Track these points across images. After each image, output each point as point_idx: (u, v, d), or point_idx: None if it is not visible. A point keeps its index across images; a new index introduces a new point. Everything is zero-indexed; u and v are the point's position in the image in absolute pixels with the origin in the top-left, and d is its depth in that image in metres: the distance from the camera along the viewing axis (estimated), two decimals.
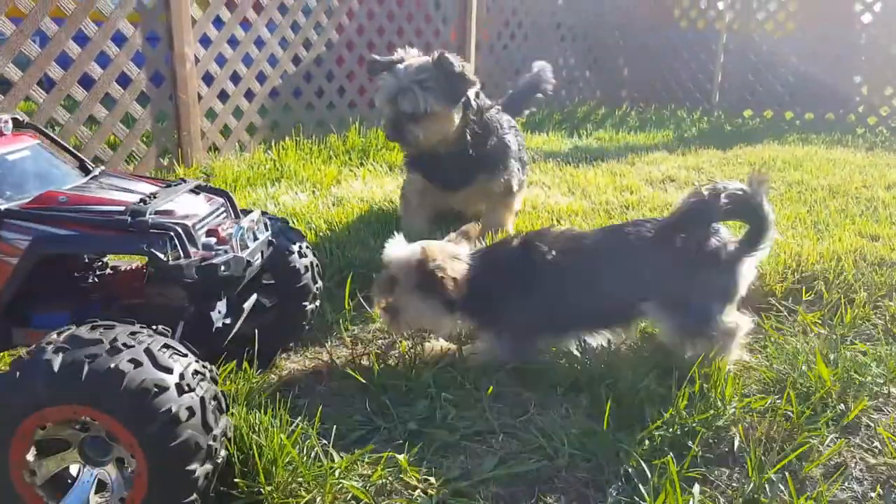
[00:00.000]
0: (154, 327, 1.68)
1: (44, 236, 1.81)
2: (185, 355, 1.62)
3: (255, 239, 2.09)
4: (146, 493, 1.51)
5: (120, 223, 1.82)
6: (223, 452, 1.63)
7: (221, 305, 2.10)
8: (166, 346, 1.60)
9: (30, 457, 1.54)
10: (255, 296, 2.36)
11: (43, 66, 4.08)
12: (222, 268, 1.85)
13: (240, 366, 2.23)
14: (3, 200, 1.85)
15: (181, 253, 1.83)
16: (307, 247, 2.51)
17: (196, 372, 1.59)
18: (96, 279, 2.16)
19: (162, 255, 1.79)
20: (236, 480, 1.70)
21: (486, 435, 2.11)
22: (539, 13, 8.10)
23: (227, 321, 2.12)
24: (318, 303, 2.60)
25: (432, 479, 1.88)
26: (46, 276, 1.99)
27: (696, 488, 1.84)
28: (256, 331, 2.34)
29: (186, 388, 1.53)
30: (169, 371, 1.53)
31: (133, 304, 2.00)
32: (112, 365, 1.48)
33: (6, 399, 1.51)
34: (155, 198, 1.94)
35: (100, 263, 2.22)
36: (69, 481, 1.61)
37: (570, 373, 2.37)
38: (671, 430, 2.06)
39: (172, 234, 1.83)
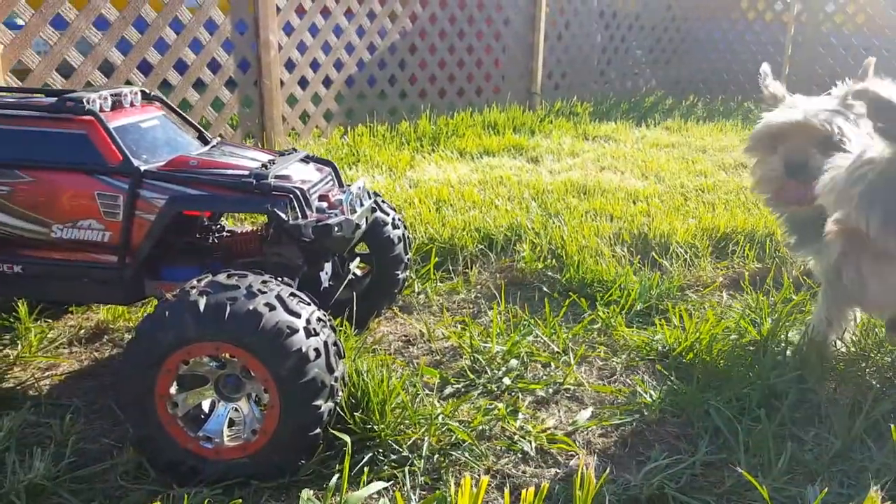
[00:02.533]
0: (279, 279, 1.83)
1: (178, 195, 1.98)
2: (309, 304, 1.76)
3: (362, 205, 2.23)
4: (277, 425, 1.66)
5: (245, 185, 1.99)
6: (341, 393, 1.78)
7: (328, 267, 2.26)
8: (293, 294, 1.75)
9: (173, 390, 1.70)
10: (357, 260, 2.51)
11: (142, 51, 4.32)
12: (336, 228, 1.99)
13: (340, 326, 2.38)
14: (142, 162, 2.02)
15: (299, 214, 1.99)
16: (400, 219, 2.65)
17: (319, 319, 1.74)
18: (216, 240, 2.34)
19: (283, 215, 1.95)
20: (355, 415, 1.83)
21: (578, 391, 2.21)
22: (608, 3, 8.11)
23: (332, 283, 2.28)
24: (408, 272, 2.73)
25: (529, 428, 1.99)
26: (175, 234, 2.18)
27: (789, 445, 1.91)
28: (354, 295, 2.49)
29: (313, 332, 1.68)
30: (298, 315, 1.68)
31: (251, 262, 2.15)
32: (251, 307, 1.63)
33: (155, 335, 1.67)
34: (273, 164, 2.10)
35: (219, 226, 2.39)
36: (203, 416, 1.77)
37: (658, 340, 2.45)
38: (757, 391, 2.13)
39: (292, 196, 1.99)
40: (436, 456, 1.85)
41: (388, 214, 2.59)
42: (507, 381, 2.22)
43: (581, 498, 1.40)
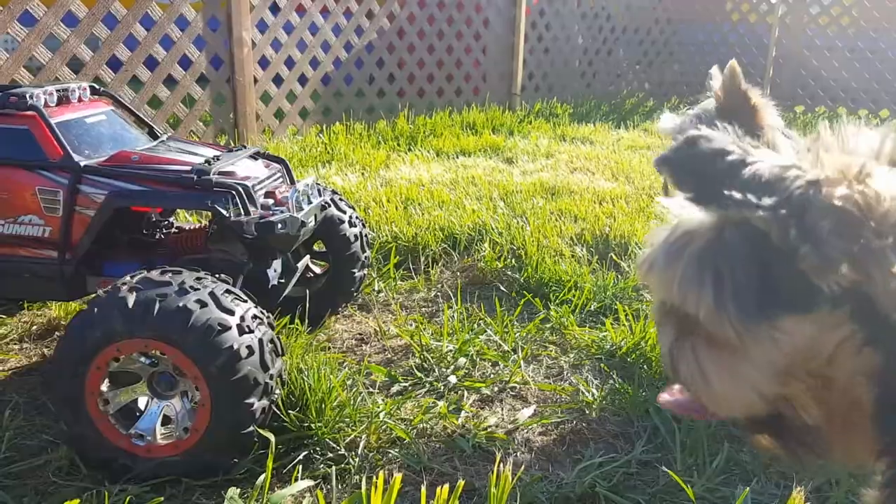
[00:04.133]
0: (217, 275, 1.83)
1: (118, 191, 1.98)
2: (245, 301, 1.76)
3: (310, 202, 2.22)
4: (209, 423, 1.66)
5: (186, 181, 1.98)
6: (278, 391, 1.78)
7: (277, 264, 2.25)
8: (228, 291, 1.75)
9: (104, 387, 1.69)
10: (307, 259, 2.52)
11: (112, 48, 4.31)
12: (279, 225, 1.98)
13: (291, 323, 2.38)
14: (83, 158, 2.02)
15: (241, 210, 1.98)
16: (357, 217, 2.64)
17: (255, 316, 1.74)
18: (161, 236, 2.33)
19: (224, 211, 1.95)
20: (290, 413, 1.83)
21: (522, 389, 2.21)
22: (590, 5, 8.13)
23: (282, 280, 2.27)
24: (366, 270, 2.73)
25: (470, 426, 1.99)
26: (120, 230, 2.18)
27: (726, 445, 1.92)
28: (307, 293, 2.48)
29: (246, 329, 1.67)
30: (231, 313, 1.68)
31: (195, 259, 2.14)
32: (180, 304, 1.63)
33: (85, 332, 1.66)
34: (218, 160, 2.09)
35: (167, 222, 2.39)
36: (137, 413, 1.77)
37: (607, 339, 2.46)
38: None
39: (234, 192, 1.98)
40: (371, 454, 1.86)
41: (344, 212, 2.58)
42: (453, 379, 2.23)
43: (496, 496, 1.41)
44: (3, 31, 3.86)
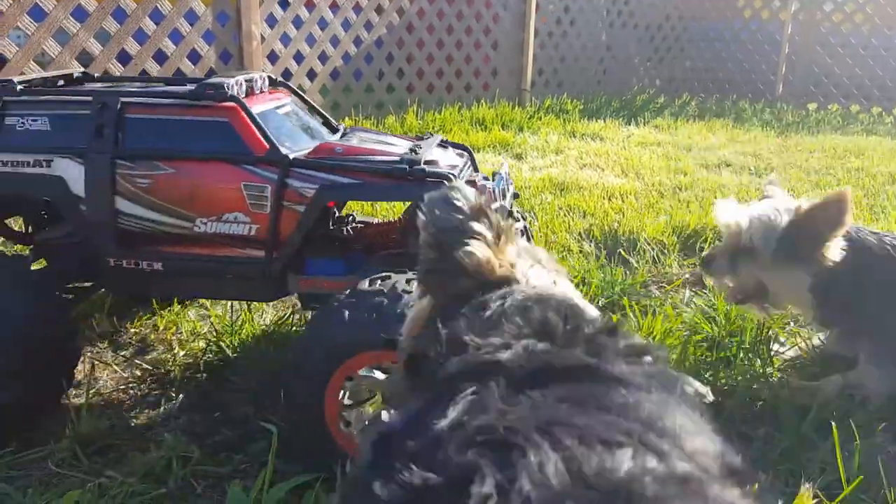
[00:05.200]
0: None
1: (329, 184, 1.84)
2: None
3: (508, 190, 2.13)
4: None
5: (399, 171, 1.85)
6: None
7: None
8: None
9: (344, 406, 1.62)
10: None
11: (121, 42, 4.32)
12: None
13: None
14: (287, 150, 1.88)
15: None
16: (520, 211, 2.50)
17: None
18: (351, 231, 2.18)
19: None
20: None
21: None
22: (602, 2, 8.09)
23: None
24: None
25: None
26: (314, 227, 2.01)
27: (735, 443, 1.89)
28: None
29: None
30: None
31: (392, 254, 1.99)
32: None
33: (330, 340, 1.58)
34: (420, 149, 1.96)
35: (350, 216, 2.26)
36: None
37: None
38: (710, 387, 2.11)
39: (446, 183, 1.81)
40: None
41: (521, 221, 2.46)
42: None
43: None
44: (14, 25, 3.87)
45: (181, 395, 2.07)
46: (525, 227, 2.48)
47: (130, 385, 2.13)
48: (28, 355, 1.74)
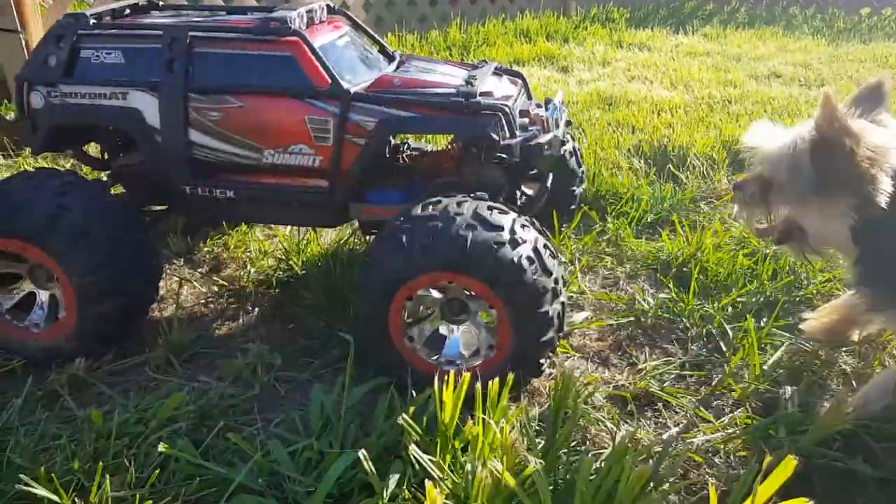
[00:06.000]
0: (532, 221, 1.80)
1: (389, 118, 1.91)
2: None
3: (562, 119, 2.14)
4: (511, 336, 1.69)
5: (454, 105, 1.91)
6: (565, 292, 1.78)
7: (520, 192, 2.19)
8: (546, 245, 1.74)
9: (407, 325, 1.75)
10: (550, 179, 2.29)
11: None
12: (546, 147, 1.95)
13: None
14: (347, 84, 1.94)
15: (507, 133, 1.91)
16: (568, 132, 2.51)
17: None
18: (407, 159, 2.25)
19: (496, 136, 1.88)
20: None
21: (579, 299, 2.31)
22: None
23: (527, 200, 2.21)
24: (583, 186, 2.66)
25: None
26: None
27: (782, 348, 1.99)
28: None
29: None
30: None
31: (450, 183, 2.02)
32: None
33: (390, 265, 1.69)
34: (475, 80, 2.01)
35: (406, 144, 2.32)
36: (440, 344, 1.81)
37: (663, 250, 2.53)
38: (755, 298, 2.21)
39: (501, 115, 1.91)
40: None
41: (579, 167, 2.50)
42: None
43: (556, 395, 1.53)
44: None
45: (256, 309, 2.24)
46: (574, 147, 2.55)
47: (210, 299, 2.30)
48: (114, 274, 1.88)
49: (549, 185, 2.23)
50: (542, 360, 1.73)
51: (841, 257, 1.81)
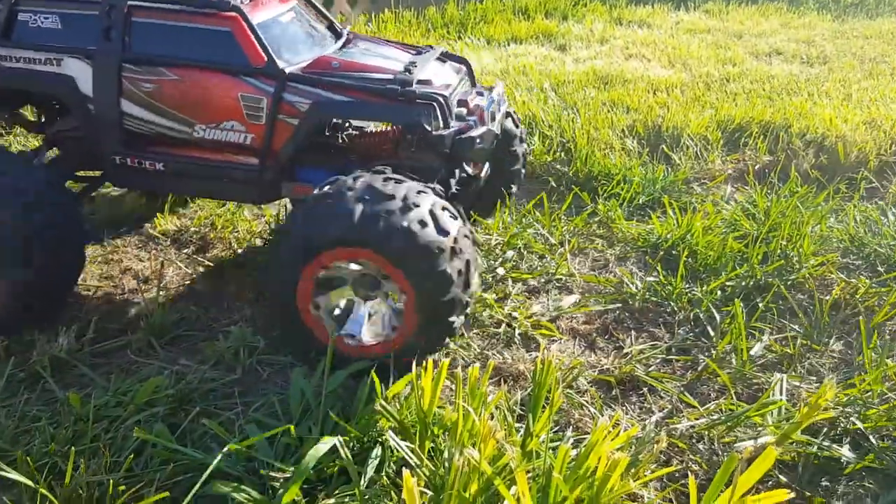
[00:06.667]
0: (432, 187, 1.77)
1: (323, 101, 1.91)
2: (457, 218, 1.72)
3: (499, 111, 2.13)
4: (415, 300, 1.66)
5: (390, 92, 1.90)
6: (474, 250, 1.76)
7: (458, 173, 2.17)
8: (444, 207, 1.70)
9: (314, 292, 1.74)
10: (487, 166, 2.33)
11: None
12: (478, 141, 1.93)
13: None
14: (285, 63, 1.93)
15: (441, 123, 1.90)
16: (524, 132, 2.52)
17: (466, 236, 1.71)
18: (346, 139, 2.22)
19: (428, 126, 1.88)
20: None
21: (568, 281, 2.29)
22: None
23: (458, 188, 2.18)
24: (525, 145, 2.57)
25: (517, 315, 2.09)
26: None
27: (766, 335, 1.98)
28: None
29: (458, 252, 1.66)
30: (447, 234, 1.65)
31: (387, 165, 1.97)
32: (404, 223, 1.61)
33: (307, 236, 1.68)
34: (414, 66, 2.00)
35: (346, 124, 2.24)
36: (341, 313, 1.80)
37: (653, 233, 2.50)
38: (744, 282, 2.18)
39: (436, 105, 1.90)
40: None
41: (517, 127, 2.47)
42: (501, 271, 2.31)
43: (541, 380, 1.51)
44: None
45: (241, 291, 2.21)
46: (511, 110, 2.47)
47: (194, 281, 2.28)
48: (31, 238, 1.81)
49: (488, 163, 2.25)
50: (452, 319, 1.70)
51: None
